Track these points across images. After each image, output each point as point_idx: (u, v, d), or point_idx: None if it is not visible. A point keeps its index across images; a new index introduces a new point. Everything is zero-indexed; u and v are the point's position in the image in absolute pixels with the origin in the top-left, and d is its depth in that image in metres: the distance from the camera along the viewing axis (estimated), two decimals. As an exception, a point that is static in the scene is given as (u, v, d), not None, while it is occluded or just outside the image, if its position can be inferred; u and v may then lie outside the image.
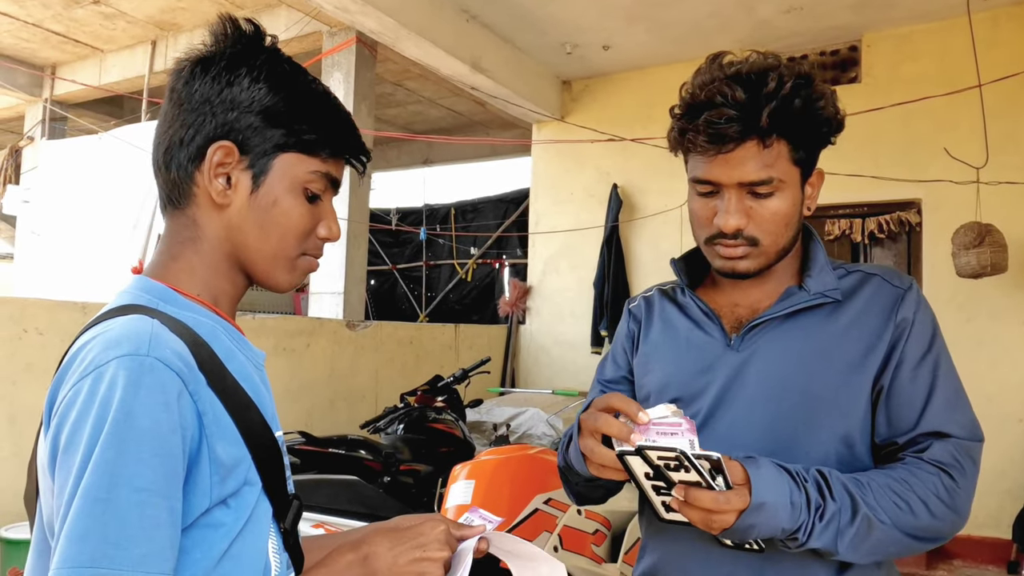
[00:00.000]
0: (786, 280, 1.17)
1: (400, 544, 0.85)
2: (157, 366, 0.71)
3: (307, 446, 2.98)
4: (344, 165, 0.92)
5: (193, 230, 0.86)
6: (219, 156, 0.83)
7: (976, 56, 3.95)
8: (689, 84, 1.10)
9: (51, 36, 6.18)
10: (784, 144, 1.05)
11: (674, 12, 4.75)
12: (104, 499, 0.66)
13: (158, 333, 0.74)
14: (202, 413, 0.74)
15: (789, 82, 1.03)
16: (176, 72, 0.86)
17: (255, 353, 0.90)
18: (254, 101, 0.83)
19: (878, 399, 1.09)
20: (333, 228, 0.91)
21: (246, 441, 0.79)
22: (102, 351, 0.71)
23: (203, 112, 0.83)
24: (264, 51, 0.86)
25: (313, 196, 0.88)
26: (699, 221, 1.14)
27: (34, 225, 6.66)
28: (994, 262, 3.90)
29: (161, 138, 0.86)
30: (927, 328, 1.11)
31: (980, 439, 1.08)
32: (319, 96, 0.88)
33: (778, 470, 0.96)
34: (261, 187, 0.85)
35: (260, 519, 0.80)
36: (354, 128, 0.91)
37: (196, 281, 0.85)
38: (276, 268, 0.88)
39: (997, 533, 4.37)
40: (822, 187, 1.17)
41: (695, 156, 1.10)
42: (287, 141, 0.85)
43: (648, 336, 1.28)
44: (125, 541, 0.66)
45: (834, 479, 0.98)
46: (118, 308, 0.79)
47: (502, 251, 8.02)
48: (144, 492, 0.67)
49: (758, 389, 1.10)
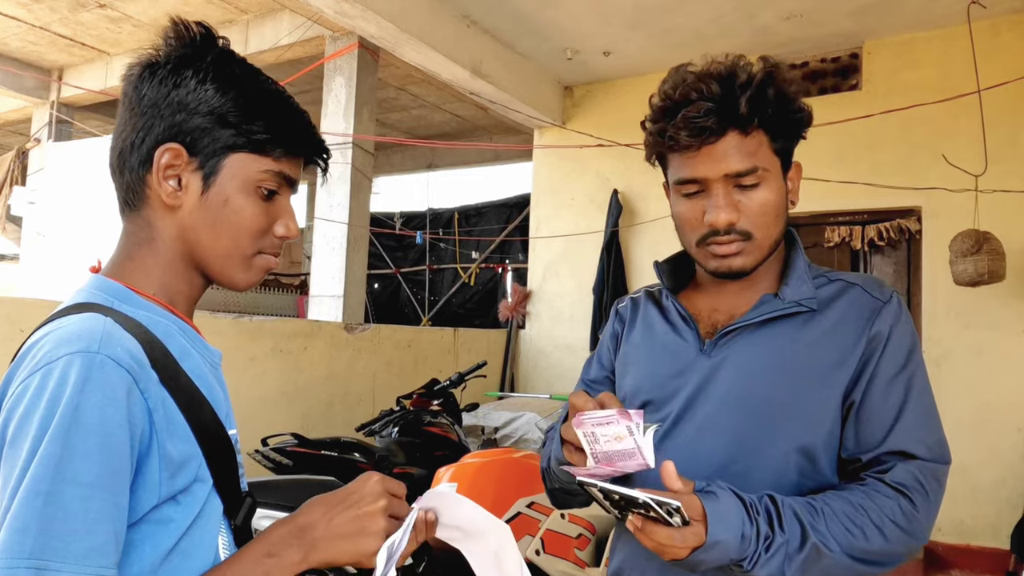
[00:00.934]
0: (765, 287, 1.16)
1: (334, 507, 0.83)
2: (107, 363, 0.72)
3: (300, 448, 3.00)
4: (300, 163, 0.93)
5: (148, 231, 0.87)
6: (167, 158, 0.84)
7: (976, 64, 3.95)
8: (658, 92, 1.11)
9: (58, 39, 6.24)
10: (763, 134, 1.07)
11: (675, 18, 4.76)
12: (47, 492, 0.66)
13: (110, 331, 0.75)
14: (152, 410, 0.75)
15: (760, 74, 1.05)
16: (127, 77, 0.87)
17: (211, 352, 0.92)
18: (201, 102, 0.84)
19: (848, 414, 1.07)
20: (291, 227, 0.91)
21: (198, 438, 0.80)
22: (53, 347, 0.72)
23: (152, 115, 0.84)
24: (212, 53, 0.86)
25: (269, 194, 0.88)
26: (688, 224, 1.13)
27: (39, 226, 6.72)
28: (992, 270, 3.89)
29: (115, 143, 0.88)
30: (904, 343, 1.09)
31: (947, 461, 1.06)
32: (271, 95, 0.88)
33: (736, 502, 0.95)
34: (212, 187, 0.86)
35: (210, 516, 0.81)
36: (309, 126, 0.91)
37: (152, 281, 0.86)
38: (231, 267, 0.89)
39: (995, 543, 4.34)
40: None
41: (676, 157, 1.10)
42: (236, 141, 0.85)
43: (630, 338, 1.29)
44: (67, 535, 0.66)
45: (785, 508, 0.97)
46: (73, 306, 0.81)
47: (505, 255, 8.03)
48: (88, 487, 0.68)
49: (725, 395, 1.10)
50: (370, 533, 0.82)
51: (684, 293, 1.25)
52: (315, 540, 0.81)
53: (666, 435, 1.15)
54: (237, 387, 3.71)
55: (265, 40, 5.61)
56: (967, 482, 4.41)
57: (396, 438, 3.43)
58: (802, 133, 1.13)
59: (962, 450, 4.42)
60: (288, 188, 0.92)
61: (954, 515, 4.45)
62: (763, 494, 0.99)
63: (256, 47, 5.64)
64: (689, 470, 1.10)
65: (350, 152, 5.07)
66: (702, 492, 0.96)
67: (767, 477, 1.07)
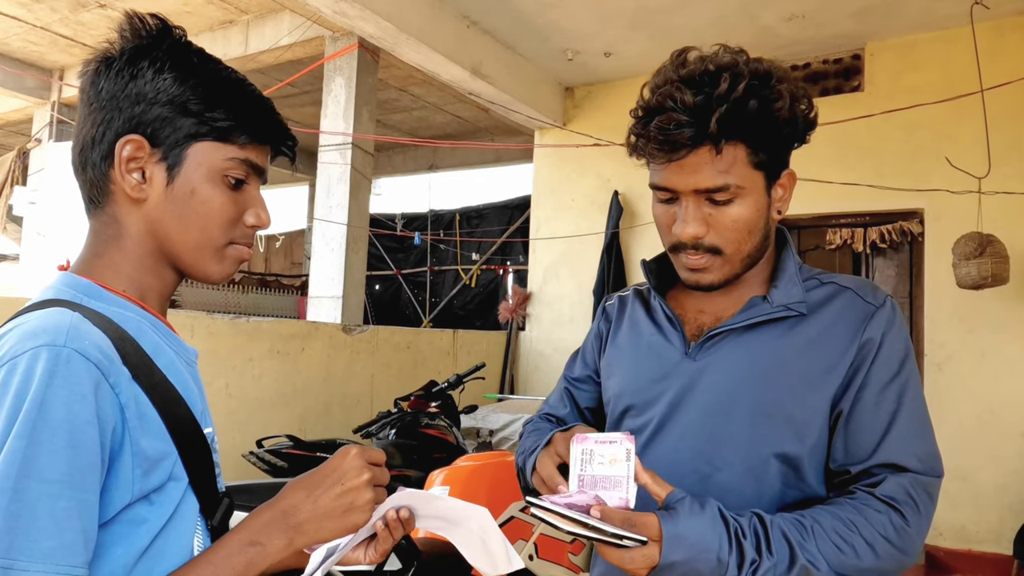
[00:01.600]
0: (753, 289, 1.13)
1: (316, 487, 0.80)
2: (74, 357, 0.70)
3: (294, 450, 2.98)
4: (267, 152, 0.90)
5: (115, 227, 0.85)
6: (128, 151, 0.82)
7: (979, 65, 3.92)
8: (649, 84, 1.06)
9: (59, 40, 6.24)
10: (741, 148, 1.00)
11: (676, 20, 4.74)
12: (12, 490, 0.65)
13: (77, 325, 0.73)
14: (124, 406, 0.73)
15: (743, 82, 0.97)
16: (83, 73, 0.85)
17: (186, 349, 0.89)
18: (159, 92, 0.82)
19: (836, 423, 1.04)
20: (262, 216, 0.89)
21: (173, 436, 0.78)
22: (18, 342, 0.71)
23: (111, 108, 0.82)
24: (168, 42, 0.84)
25: (237, 183, 0.87)
26: (661, 228, 1.11)
27: (40, 226, 6.72)
28: (995, 273, 3.85)
29: (76, 139, 0.86)
30: (897, 351, 1.04)
31: (939, 474, 1.02)
32: (232, 83, 0.86)
33: (712, 524, 0.92)
34: (176, 178, 0.84)
35: (186, 515, 0.79)
36: (272, 112, 0.89)
37: (121, 277, 0.85)
38: (202, 259, 0.87)
39: (997, 549, 4.30)
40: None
41: (652, 163, 1.07)
42: (199, 130, 0.83)
43: (615, 338, 1.26)
44: (34, 533, 0.65)
45: (774, 528, 0.94)
46: (40, 302, 0.79)
47: (506, 257, 8.02)
48: (55, 484, 0.66)
49: (708, 401, 1.07)
50: (357, 507, 0.80)
51: (671, 293, 1.22)
52: (300, 523, 0.79)
53: (648, 441, 1.12)
54: (234, 388, 3.69)
55: (265, 40, 5.60)
56: (969, 487, 4.37)
57: (393, 440, 3.41)
58: (797, 141, 1.07)
59: (964, 455, 4.38)
60: (256, 177, 0.89)
61: (956, 520, 4.41)
62: (752, 514, 0.96)
63: (256, 47, 5.63)
64: (671, 478, 1.08)
65: (349, 152, 5.06)
66: (666, 509, 0.93)
67: (749, 485, 1.04)
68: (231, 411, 3.64)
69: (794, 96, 1.02)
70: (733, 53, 1.03)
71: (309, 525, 0.79)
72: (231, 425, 3.62)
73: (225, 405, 3.62)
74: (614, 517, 0.91)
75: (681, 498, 0.94)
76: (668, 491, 0.95)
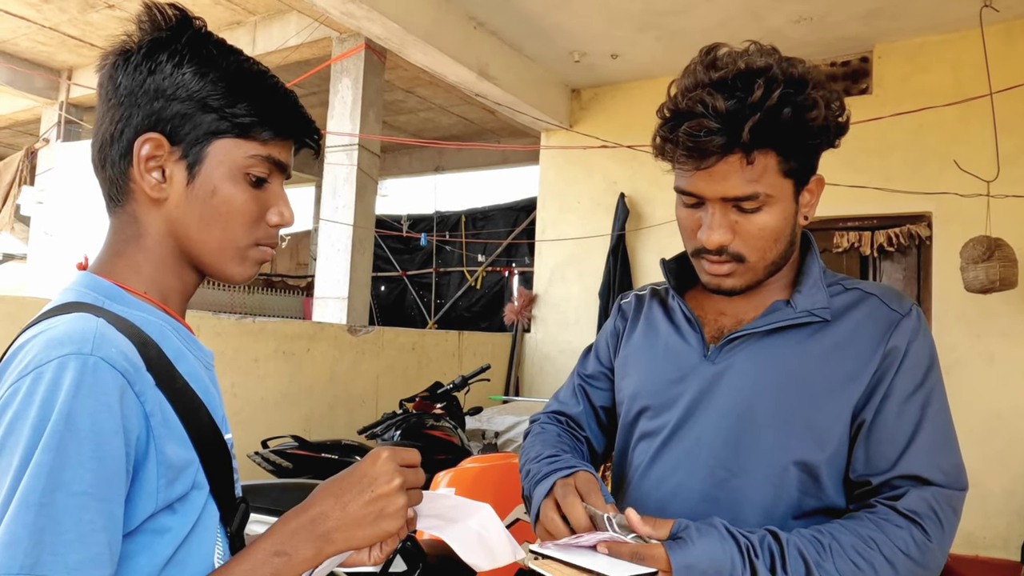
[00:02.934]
0: (776, 293, 1.11)
1: (345, 493, 0.77)
2: (101, 366, 0.68)
3: (300, 451, 2.98)
4: (291, 146, 0.87)
5: (135, 227, 0.83)
6: (147, 149, 0.80)
7: (988, 68, 3.90)
8: (677, 83, 1.03)
9: (67, 40, 6.26)
10: (772, 156, 0.97)
11: (683, 21, 4.73)
12: (39, 504, 0.63)
13: (103, 332, 0.71)
14: (150, 414, 0.72)
15: (778, 90, 0.94)
16: (101, 67, 0.83)
17: (204, 353, 0.88)
18: (179, 87, 0.79)
19: (858, 433, 1.02)
20: (285, 214, 0.86)
21: (195, 444, 0.76)
22: (43, 350, 0.68)
23: (129, 105, 0.80)
24: (187, 34, 0.81)
25: (259, 181, 0.84)
26: (685, 232, 1.09)
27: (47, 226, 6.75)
28: (1003, 277, 3.83)
29: (95, 137, 0.84)
30: (922, 360, 1.02)
31: (963, 487, 1.00)
32: (254, 76, 0.83)
33: (724, 546, 0.90)
34: (197, 177, 0.81)
35: (207, 524, 0.78)
36: (296, 106, 0.86)
37: (143, 278, 0.82)
38: (224, 260, 0.84)
39: (1005, 554, 4.27)
40: (822, 195, 1.09)
41: (678, 167, 1.04)
42: (220, 126, 0.80)
43: (631, 337, 1.24)
44: (60, 547, 0.63)
45: (790, 547, 0.92)
46: (62, 306, 0.76)
47: (512, 259, 8.02)
48: (81, 496, 0.65)
49: (727, 405, 1.06)
50: (389, 514, 0.77)
51: (690, 293, 1.20)
52: (328, 531, 0.76)
53: (664, 444, 1.11)
54: (239, 388, 3.69)
55: (272, 41, 5.61)
56: (977, 493, 4.34)
57: (398, 441, 3.41)
58: (829, 147, 1.04)
59: (972, 460, 4.32)
60: (279, 173, 0.86)
61: (963, 526, 4.35)
62: (766, 532, 0.94)
63: (263, 48, 5.64)
64: (686, 481, 1.06)
65: (356, 153, 5.06)
66: (674, 540, 0.91)
67: (767, 492, 1.03)
68: (236, 411, 3.65)
69: (828, 102, 0.99)
70: (766, 54, 1.00)
71: (338, 534, 0.76)
72: (236, 425, 3.62)
73: (230, 405, 3.62)
74: (622, 551, 0.90)
75: (686, 527, 0.92)
76: (670, 525, 0.94)
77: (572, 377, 1.34)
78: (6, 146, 9.10)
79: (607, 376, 1.29)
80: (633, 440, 1.17)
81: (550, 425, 1.29)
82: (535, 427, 1.30)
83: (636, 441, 1.17)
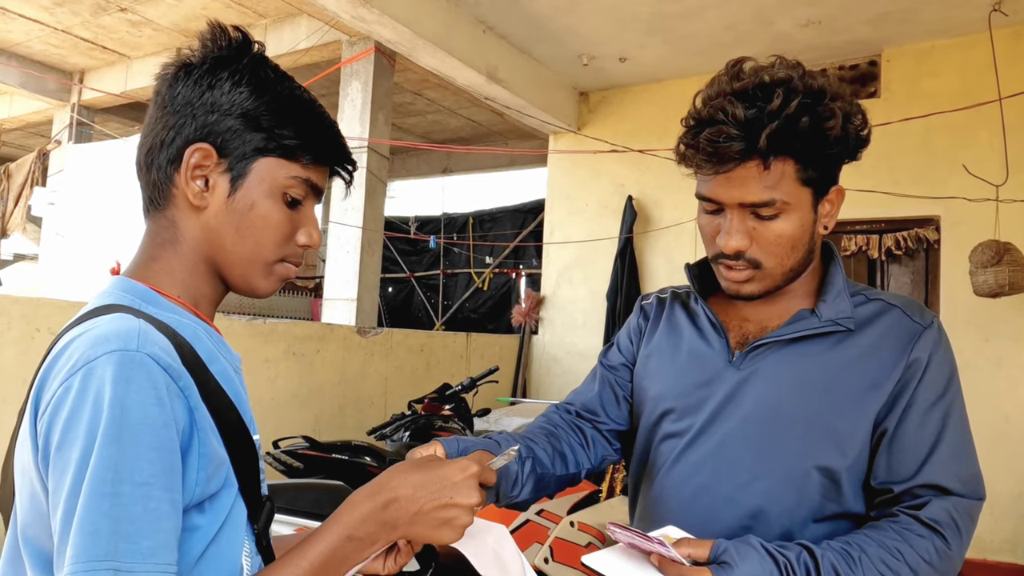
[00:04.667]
0: (800, 301, 1.13)
1: (423, 487, 0.80)
2: (147, 361, 0.71)
3: (310, 451, 3.00)
4: (327, 173, 0.91)
5: (172, 232, 0.86)
6: (196, 158, 0.83)
7: (997, 72, 3.90)
8: (701, 94, 1.07)
9: (80, 43, 6.32)
10: (790, 164, 1.00)
11: (692, 25, 4.74)
12: (110, 494, 0.66)
13: (145, 331, 0.74)
14: (194, 408, 0.75)
15: (796, 99, 0.97)
16: (162, 76, 0.87)
17: (233, 356, 0.90)
18: (234, 104, 0.83)
19: (880, 441, 1.04)
20: (314, 235, 0.90)
21: (226, 443, 0.79)
22: (90, 347, 0.71)
23: (184, 115, 0.84)
24: (248, 56, 0.86)
25: (293, 202, 0.88)
26: (705, 238, 1.12)
27: (59, 227, 6.80)
28: (1012, 281, 3.83)
29: (144, 140, 0.87)
30: (943, 371, 1.05)
31: (981, 497, 1.03)
32: (303, 103, 0.87)
33: (761, 563, 0.93)
34: (239, 190, 0.85)
35: (236, 522, 0.80)
36: (338, 136, 0.90)
37: (176, 283, 0.86)
38: (252, 272, 0.88)
39: (1013, 559, 4.27)
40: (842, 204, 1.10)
41: (699, 173, 1.08)
42: (267, 145, 0.85)
43: (652, 337, 1.27)
44: (135, 535, 0.66)
45: (824, 562, 0.95)
46: (101, 308, 0.79)
47: (519, 261, 8.03)
48: (146, 486, 0.68)
49: (752, 411, 1.08)
50: (455, 526, 0.80)
51: (713, 299, 1.22)
52: (396, 519, 0.79)
53: (688, 447, 1.13)
54: (250, 389, 3.70)
55: (283, 44, 5.64)
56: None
57: (407, 442, 3.43)
58: (848, 158, 1.07)
59: (980, 464, 4.34)
60: (313, 197, 0.90)
61: (971, 529, 4.38)
62: (801, 548, 0.97)
63: (274, 51, 5.68)
64: (709, 483, 1.08)
65: (365, 156, 5.09)
66: (717, 564, 0.94)
67: (788, 496, 1.05)
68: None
69: (847, 114, 1.02)
70: (789, 67, 1.03)
71: (405, 525, 0.79)
72: (247, 426, 3.65)
73: (241, 406, 3.65)
74: (670, 571, 0.92)
75: (724, 549, 0.95)
76: (709, 546, 0.96)
77: (595, 368, 1.36)
78: (19, 148, 9.17)
79: (628, 367, 1.31)
80: (656, 441, 1.19)
81: (554, 414, 1.30)
82: (539, 418, 1.32)
83: (659, 442, 1.18)
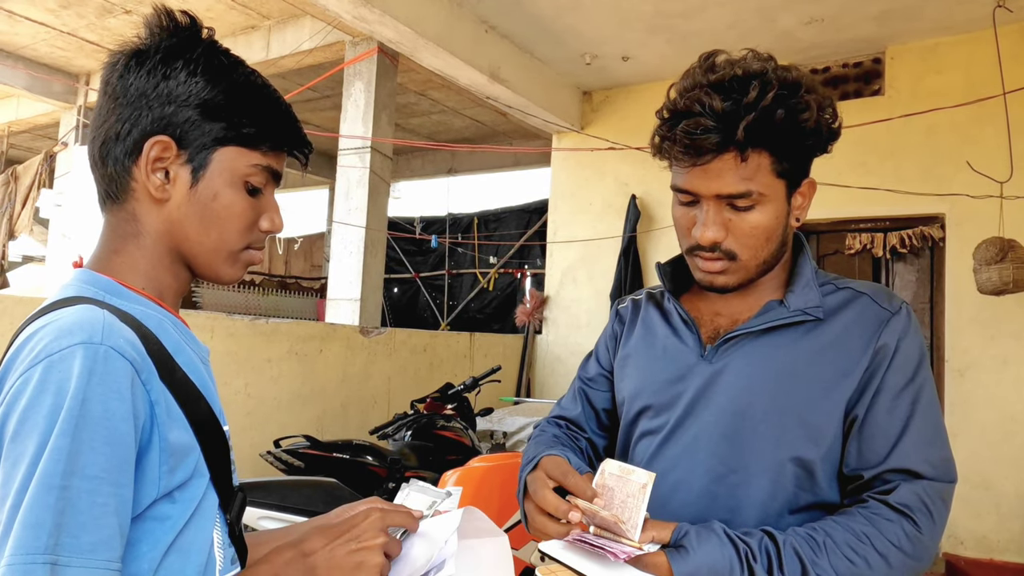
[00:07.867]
0: (770, 293, 1.14)
1: (335, 537, 0.84)
2: (111, 354, 0.71)
3: (312, 450, 3.01)
4: (285, 158, 0.92)
5: (133, 225, 0.86)
6: (156, 151, 0.83)
7: (1001, 69, 3.88)
8: (676, 86, 1.07)
9: (85, 45, 6.35)
10: (765, 156, 1.01)
11: (694, 23, 4.73)
12: (59, 486, 0.66)
13: (110, 323, 0.73)
14: (155, 402, 0.75)
15: (772, 91, 0.98)
16: (110, 65, 0.85)
17: (201, 348, 0.91)
18: (191, 95, 0.82)
19: (851, 428, 1.04)
20: (276, 221, 0.91)
21: (196, 432, 0.79)
22: (53, 339, 0.71)
23: (139, 106, 0.82)
24: (201, 44, 0.85)
25: (254, 189, 0.88)
26: (680, 230, 1.12)
27: (65, 228, 6.84)
28: (1016, 278, 3.81)
29: (96, 132, 0.86)
30: (912, 356, 1.05)
31: (952, 480, 1.03)
32: (258, 89, 0.87)
33: (723, 551, 0.94)
34: (200, 181, 0.84)
35: (207, 512, 0.81)
36: (294, 120, 0.91)
37: (139, 275, 0.85)
38: (218, 261, 0.88)
39: (1019, 558, 4.24)
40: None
41: (675, 165, 1.08)
42: (227, 135, 0.84)
43: (629, 340, 1.27)
44: (76, 529, 0.66)
45: (786, 548, 0.95)
46: (63, 300, 0.79)
47: (524, 260, 8.04)
48: (95, 479, 0.68)
49: (725, 403, 1.08)
50: (366, 567, 0.83)
51: (686, 296, 1.23)
52: (314, 567, 0.82)
53: (664, 443, 1.13)
54: (252, 388, 3.73)
55: (286, 45, 5.66)
56: (991, 496, 4.31)
57: (409, 442, 3.43)
58: (820, 151, 1.08)
59: (986, 463, 4.33)
60: (273, 183, 0.91)
61: (977, 529, 4.35)
62: (763, 534, 0.97)
63: (277, 52, 5.70)
64: (686, 478, 1.08)
65: (368, 156, 5.10)
66: (674, 547, 0.95)
67: (764, 488, 1.05)
68: (249, 411, 3.69)
69: (820, 106, 1.02)
70: (762, 60, 1.04)
71: (321, 570, 0.82)
72: (249, 425, 3.66)
73: (243, 405, 3.66)
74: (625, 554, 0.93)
75: (685, 532, 0.96)
76: (671, 528, 0.97)
77: (574, 382, 1.38)
78: (26, 150, 9.23)
79: (607, 378, 1.32)
80: (634, 439, 1.20)
81: (549, 427, 1.32)
82: (535, 432, 1.33)
83: (637, 439, 1.19)
